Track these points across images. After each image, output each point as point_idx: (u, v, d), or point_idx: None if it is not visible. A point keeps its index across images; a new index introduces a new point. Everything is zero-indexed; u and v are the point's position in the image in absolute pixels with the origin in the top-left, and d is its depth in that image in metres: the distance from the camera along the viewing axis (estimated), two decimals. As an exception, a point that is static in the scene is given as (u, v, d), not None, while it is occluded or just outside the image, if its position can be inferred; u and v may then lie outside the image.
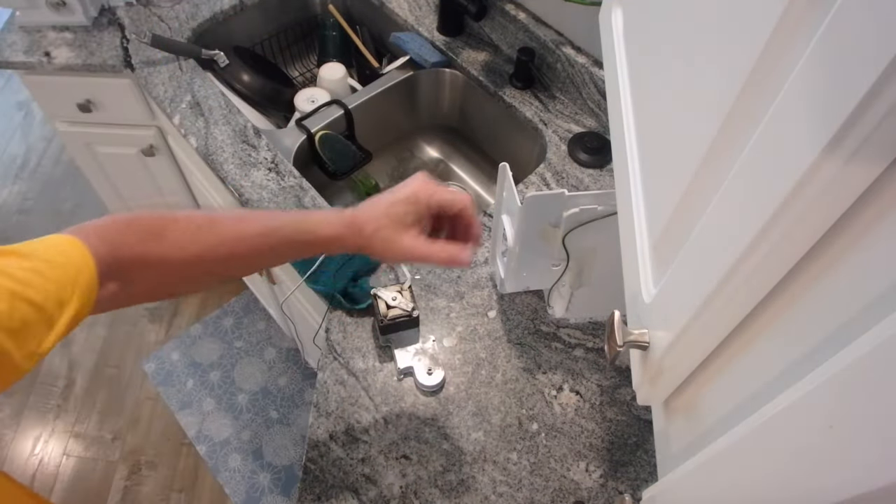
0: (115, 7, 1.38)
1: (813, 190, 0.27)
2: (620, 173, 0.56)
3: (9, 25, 1.34)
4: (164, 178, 1.61)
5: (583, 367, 0.92)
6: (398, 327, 0.88)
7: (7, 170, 2.44)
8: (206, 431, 1.82)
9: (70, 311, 0.47)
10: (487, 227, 1.06)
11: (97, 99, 1.39)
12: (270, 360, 1.94)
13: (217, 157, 1.14)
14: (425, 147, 1.46)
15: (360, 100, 1.28)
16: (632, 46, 0.56)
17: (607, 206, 0.77)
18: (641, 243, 0.50)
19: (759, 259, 0.32)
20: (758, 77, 0.33)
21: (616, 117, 0.57)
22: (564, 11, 1.17)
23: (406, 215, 0.64)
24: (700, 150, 0.39)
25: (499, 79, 1.27)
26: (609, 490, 0.83)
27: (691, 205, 0.41)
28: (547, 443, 0.86)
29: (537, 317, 0.97)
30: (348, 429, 0.86)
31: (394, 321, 0.87)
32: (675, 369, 0.43)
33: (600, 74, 1.13)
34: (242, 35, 1.46)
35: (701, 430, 0.41)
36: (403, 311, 0.87)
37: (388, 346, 0.92)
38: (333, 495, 0.82)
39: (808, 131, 0.27)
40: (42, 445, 1.82)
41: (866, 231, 0.26)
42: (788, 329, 0.32)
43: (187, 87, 1.25)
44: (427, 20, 1.36)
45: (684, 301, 0.39)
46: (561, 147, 1.16)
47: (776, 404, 0.30)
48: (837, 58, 0.26)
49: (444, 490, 0.82)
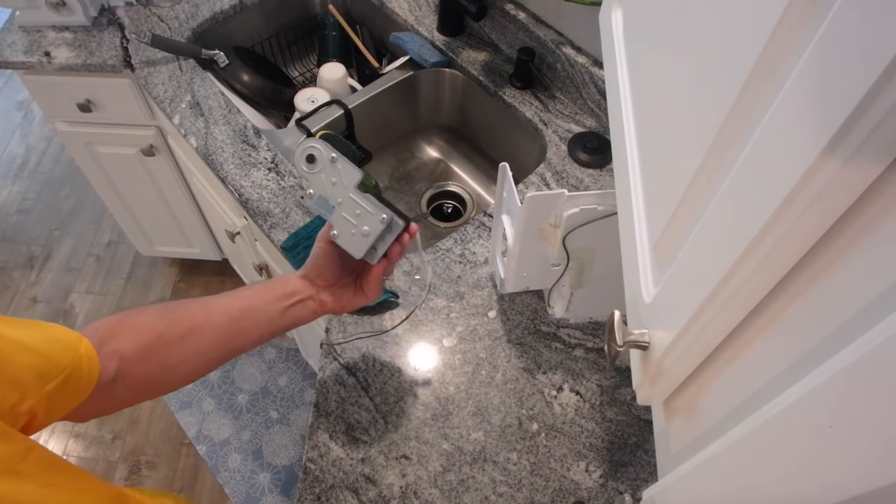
0: (115, 7, 1.38)
1: (813, 190, 0.27)
2: (620, 173, 0.56)
3: (9, 25, 1.34)
4: (163, 178, 1.61)
5: (583, 367, 0.92)
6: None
7: (7, 169, 2.44)
8: (206, 431, 1.82)
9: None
10: (487, 227, 1.06)
11: (97, 99, 1.39)
12: (270, 360, 1.94)
13: (217, 157, 1.14)
14: (425, 147, 1.46)
15: (360, 100, 1.28)
16: (632, 46, 0.56)
17: (607, 206, 0.77)
18: (641, 243, 0.50)
19: (760, 259, 0.32)
20: (758, 77, 0.33)
21: (616, 117, 0.57)
22: (564, 11, 1.17)
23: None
24: (700, 149, 0.39)
25: (499, 79, 1.27)
26: (609, 490, 0.83)
27: (691, 205, 0.41)
28: (547, 443, 0.86)
29: (537, 317, 0.97)
30: (348, 429, 0.86)
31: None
32: (675, 369, 0.43)
33: (600, 74, 1.13)
34: (242, 35, 1.46)
35: (701, 430, 0.41)
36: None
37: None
38: (333, 495, 0.82)
39: (808, 131, 0.27)
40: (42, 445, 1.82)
41: (866, 231, 0.26)
42: (788, 329, 0.32)
43: (187, 87, 1.25)
44: (427, 20, 1.36)
45: (684, 301, 0.39)
46: (561, 147, 1.16)
47: (776, 404, 0.30)
48: (837, 58, 0.26)
49: (444, 490, 0.82)
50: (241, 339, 0.71)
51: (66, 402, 0.52)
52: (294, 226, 1.05)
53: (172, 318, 0.66)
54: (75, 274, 2.16)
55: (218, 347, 0.69)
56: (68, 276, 2.16)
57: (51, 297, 2.11)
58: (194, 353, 0.67)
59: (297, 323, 0.74)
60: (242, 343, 0.71)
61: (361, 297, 0.76)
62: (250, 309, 0.71)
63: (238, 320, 0.70)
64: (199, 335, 0.67)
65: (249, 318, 0.71)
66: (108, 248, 2.22)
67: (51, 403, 0.49)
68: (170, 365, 0.65)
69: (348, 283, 0.76)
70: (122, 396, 0.60)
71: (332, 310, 0.76)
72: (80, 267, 2.18)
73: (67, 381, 0.51)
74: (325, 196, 0.70)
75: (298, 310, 0.73)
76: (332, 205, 0.70)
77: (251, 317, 0.71)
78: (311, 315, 0.75)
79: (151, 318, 0.65)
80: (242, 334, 0.71)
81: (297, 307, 0.73)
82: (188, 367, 0.67)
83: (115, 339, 0.60)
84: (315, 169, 0.70)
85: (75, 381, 0.52)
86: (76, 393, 0.53)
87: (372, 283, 0.74)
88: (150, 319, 0.64)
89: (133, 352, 0.61)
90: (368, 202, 0.69)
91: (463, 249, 1.03)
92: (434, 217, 1.36)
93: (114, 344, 0.59)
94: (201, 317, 0.68)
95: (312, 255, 0.74)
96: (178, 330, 0.65)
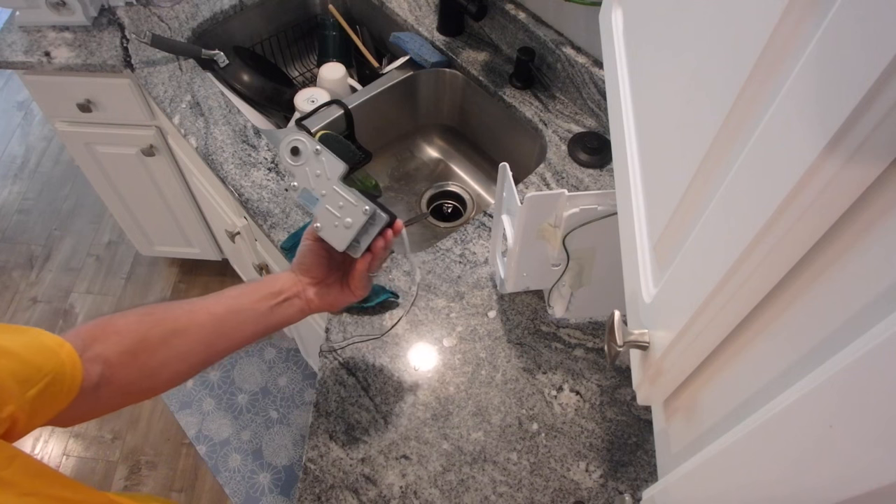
0: (115, 7, 1.38)
1: (813, 190, 0.27)
2: (620, 173, 0.56)
3: (9, 25, 1.34)
4: (163, 179, 1.61)
5: (583, 367, 0.92)
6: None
7: (7, 170, 2.44)
8: (206, 431, 1.82)
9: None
10: (487, 227, 1.06)
11: (97, 99, 1.39)
12: (270, 360, 1.94)
13: (217, 157, 1.14)
14: (425, 147, 1.46)
15: (360, 100, 1.28)
16: (632, 46, 0.56)
17: (607, 206, 0.77)
18: (641, 243, 0.50)
19: (760, 259, 0.32)
20: (758, 77, 0.33)
21: (616, 117, 0.57)
22: (564, 11, 1.17)
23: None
24: (700, 150, 0.39)
25: (499, 79, 1.27)
26: (609, 490, 0.83)
27: (691, 204, 0.41)
28: (547, 443, 0.86)
29: (537, 317, 0.97)
30: (348, 429, 0.86)
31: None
32: (675, 369, 0.43)
33: (600, 74, 1.13)
34: (242, 35, 1.46)
35: (701, 430, 0.41)
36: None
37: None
38: (333, 495, 0.82)
39: (808, 131, 0.27)
40: (42, 445, 1.82)
41: (866, 231, 0.26)
42: (788, 329, 0.32)
43: (187, 87, 1.25)
44: (427, 20, 1.36)
45: (684, 301, 0.39)
46: (561, 147, 1.16)
47: (776, 404, 0.30)
48: (837, 58, 0.26)
49: (444, 490, 0.82)
50: (227, 339, 0.70)
51: (48, 407, 0.51)
52: (294, 226, 1.05)
53: (155, 320, 0.65)
54: (75, 274, 2.16)
55: (203, 349, 0.68)
56: (68, 276, 2.16)
57: (51, 297, 2.11)
58: (178, 354, 0.66)
59: (285, 322, 0.74)
60: (228, 343, 0.70)
61: (349, 295, 0.76)
62: (236, 309, 0.70)
63: (223, 320, 0.69)
64: (183, 336, 0.66)
65: (235, 318, 0.70)
66: (108, 248, 2.23)
67: (33, 409, 0.49)
68: (154, 367, 0.64)
69: (335, 281, 0.76)
70: (106, 401, 0.59)
71: (320, 308, 0.75)
72: (80, 267, 2.18)
73: (50, 387, 0.50)
74: (309, 189, 0.70)
75: (285, 308, 0.73)
76: (316, 197, 0.70)
77: (236, 317, 0.70)
78: (299, 314, 0.74)
79: (134, 321, 0.64)
80: (228, 334, 0.70)
81: (283, 306, 0.73)
82: (173, 369, 0.66)
83: (98, 343, 0.59)
84: (299, 161, 0.69)
85: (58, 386, 0.51)
86: (59, 398, 0.52)
87: (357, 279, 0.74)
88: (132, 322, 0.64)
89: (116, 355, 0.60)
90: (352, 194, 0.69)
91: (463, 249, 1.03)
92: (434, 217, 1.36)
93: (96, 348, 0.58)
94: (185, 318, 0.67)
95: (299, 253, 0.74)
96: (162, 332, 0.65)
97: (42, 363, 0.50)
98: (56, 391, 0.51)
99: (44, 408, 0.51)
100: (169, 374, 0.66)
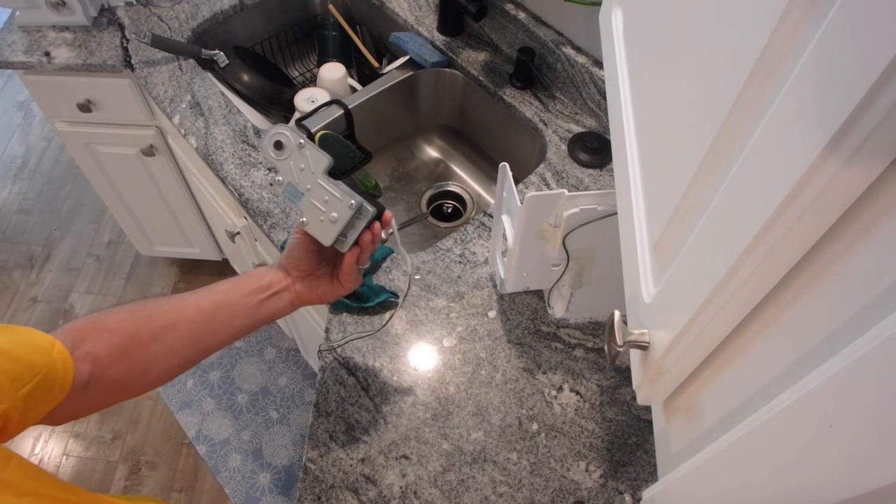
0: (115, 7, 1.38)
1: (813, 190, 0.27)
2: (620, 173, 0.56)
3: (9, 25, 1.34)
4: (163, 179, 1.61)
5: (583, 367, 0.92)
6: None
7: (7, 170, 2.44)
8: (206, 431, 1.82)
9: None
10: (487, 227, 1.06)
11: (97, 99, 1.39)
12: (270, 360, 1.94)
13: (217, 157, 1.14)
14: (425, 147, 1.46)
15: (360, 100, 1.28)
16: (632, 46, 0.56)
17: (607, 206, 0.77)
18: (641, 243, 0.50)
19: (760, 259, 0.32)
20: (758, 77, 0.33)
21: (616, 117, 0.57)
22: (564, 11, 1.17)
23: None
24: (700, 149, 0.39)
25: (499, 79, 1.27)
26: (609, 490, 0.83)
27: (691, 205, 0.41)
28: (547, 443, 0.86)
29: (537, 317, 0.97)
30: (348, 429, 0.86)
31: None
32: (675, 369, 0.43)
33: (600, 74, 1.13)
34: (242, 35, 1.46)
35: (701, 429, 0.41)
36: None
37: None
38: (333, 495, 0.82)
39: (808, 131, 0.27)
40: (42, 445, 1.82)
41: (866, 231, 0.26)
42: (788, 329, 0.32)
43: (187, 87, 1.25)
44: (427, 20, 1.36)
45: (684, 301, 0.40)
46: (561, 147, 1.16)
47: (776, 404, 0.30)
48: (837, 58, 0.26)
49: (444, 490, 0.82)
50: (216, 334, 0.70)
51: (40, 405, 0.51)
52: (294, 226, 1.05)
53: (144, 317, 0.65)
54: (75, 274, 2.16)
55: (193, 344, 0.68)
56: (68, 276, 2.16)
57: (51, 297, 2.11)
58: (168, 350, 0.66)
59: (275, 315, 0.73)
60: (218, 338, 0.70)
61: (338, 288, 0.76)
62: (224, 304, 0.70)
63: (212, 316, 0.69)
64: (172, 332, 0.66)
65: (224, 313, 0.70)
66: (108, 248, 2.23)
67: (26, 407, 0.49)
68: (144, 364, 0.64)
69: (324, 274, 0.76)
70: (97, 398, 0.59)
71: (309, 301, 0.75)
72: (80, 267, 2.18)
73: (41, 385, 0.50)
74: (293, 183, 0.69)
75: (275, 302, 0.73)
76: (301, 192, 0.68)
77: (225, 311, 0.70)
78: (289, 307, 0.74)
79: (123, 318, 0.64)
80: (217, 329, 0.70)
81: (273, 299, 0.72)
82: (163, 366, 0.66)
83: (88, 341, 0.59)
84: (283, 155, 0.68)
85: (49, 384, 0.51)
86: (51, 396, 0.52)
87: (346, 272, 0.73)
88: (121, 319, 0.63)
89: (106, 353, 0.60)
90: (337, 188, 0.67)
91: (463, 249, 1.03)
92: (434, 217, 1.36)
93: (86, 346, 0.58)
94: (174, 314, 0.67)
95: (288, 247, 0.74)
96: (151, 328, 0.64)
97: (34, 361, 0.51)
98: (48, 389, 0.52)
99: (36, 406, 0.51)
100: (159, 371, 0.66)
